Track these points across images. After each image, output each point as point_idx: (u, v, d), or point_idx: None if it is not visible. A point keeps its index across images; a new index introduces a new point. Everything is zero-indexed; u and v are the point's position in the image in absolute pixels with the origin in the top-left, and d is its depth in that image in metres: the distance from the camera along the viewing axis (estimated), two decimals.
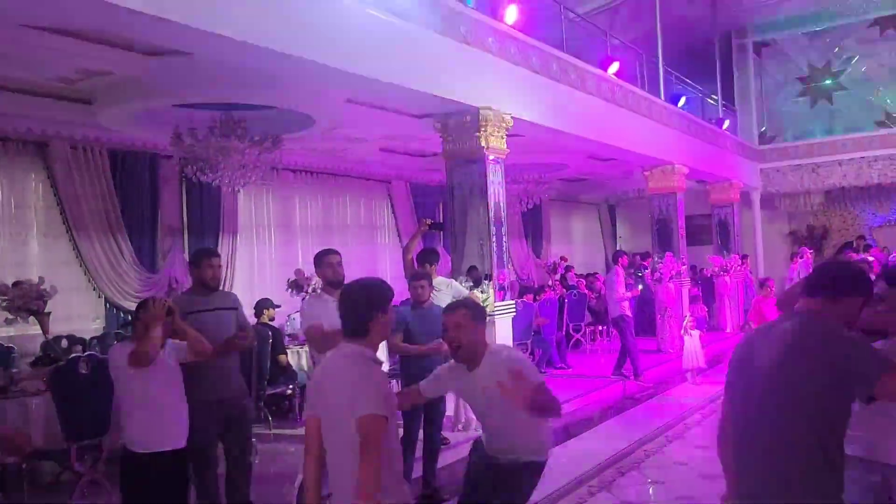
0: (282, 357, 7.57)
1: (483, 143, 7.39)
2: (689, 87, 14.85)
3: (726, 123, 15.81)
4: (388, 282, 2.88)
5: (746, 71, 18.04)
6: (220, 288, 4.83)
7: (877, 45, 16.64)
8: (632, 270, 11.80)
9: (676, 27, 14.26)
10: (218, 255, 4.75)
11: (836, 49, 17.05)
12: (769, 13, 17.10)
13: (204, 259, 4.59)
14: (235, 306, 4.70)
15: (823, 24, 16.60)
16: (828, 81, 17.24)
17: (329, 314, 3.62)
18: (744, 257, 15.42)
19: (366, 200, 12.78)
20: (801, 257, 14.08)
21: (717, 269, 14.96)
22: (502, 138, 7.63)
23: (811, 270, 3.10)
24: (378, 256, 12.67)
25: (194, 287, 4.70)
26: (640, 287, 11.37)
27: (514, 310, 7.91)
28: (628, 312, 9.98)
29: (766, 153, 17.75)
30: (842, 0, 15.52)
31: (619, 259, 10.29)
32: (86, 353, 6.25)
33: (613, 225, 20.25)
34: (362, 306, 2.64)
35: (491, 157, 7.54)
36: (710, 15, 16.20)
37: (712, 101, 16.39)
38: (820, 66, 17.33)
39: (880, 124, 16.73)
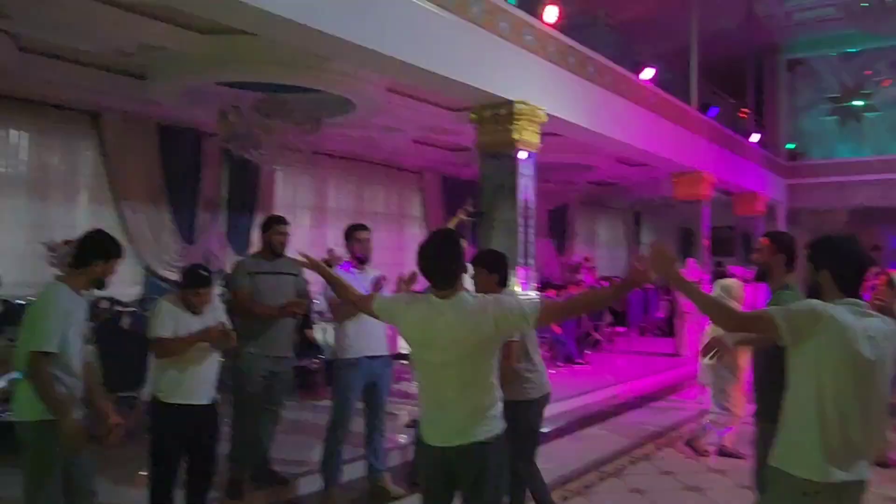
0: (308, 332, 7.75)
1: (516, 136, 7.54)
2: (720, 99, 14.90)
3: (755, 137, 15.88)
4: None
5: (778, 88, 18.13)
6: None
7: None
8: None
9: (711, 40, 14.32)
10: (288, 223, 4.94)
11: (868, 72, 17.07)
12: (803, 33, 17.14)
13: (274, 225, 4.86)
14: (297, 273, 4.84)
15: (856, 46, 16.56)
16: (858, 102, 17.24)
17: (354, 286, 3.47)
18: None
19: (397, 190, 13.04)
20: None
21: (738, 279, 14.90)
22: (535, 133, 7.77)
23: None
24: (405, 245, 12.78)
25: (262, 251, 4.93)
26: None
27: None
28: None
29: (792, 169, 17.81)
30: (874, 24, 15.39)
31: None
32: (128, 310, 6.60)
33: (638, 232, 20.36)
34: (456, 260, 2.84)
35: (522, 151, 7.71)
36: (744, 30, 16.27)
37: (743, 115, 16.55)
38: (851, 86, 17.33)
39: None
